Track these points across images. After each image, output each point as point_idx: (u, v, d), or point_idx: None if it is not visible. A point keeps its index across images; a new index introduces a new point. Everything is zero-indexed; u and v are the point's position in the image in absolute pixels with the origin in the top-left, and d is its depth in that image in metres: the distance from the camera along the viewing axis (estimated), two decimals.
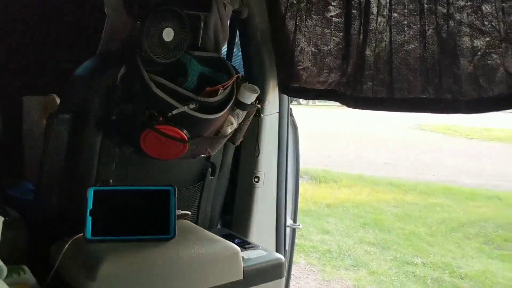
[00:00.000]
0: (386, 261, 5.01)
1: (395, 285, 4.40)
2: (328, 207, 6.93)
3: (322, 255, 5.15)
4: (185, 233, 2.12)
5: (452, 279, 4.55)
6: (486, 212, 6.66)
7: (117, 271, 1.76)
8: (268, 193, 2.66)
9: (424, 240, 5.63)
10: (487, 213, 6.63)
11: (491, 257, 5.12)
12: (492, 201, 7.34)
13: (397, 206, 7.04)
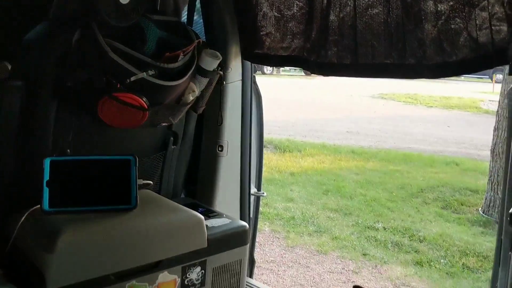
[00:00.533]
0: (348, 226, 5.13)
1: (356, 250, 4.51)
2: (292, 176, 7.00)
3: (286, 222, 5.22)
4: (147, 203, 2.08)
5: (411, 242, 4.71)
6: (444, 178, 6.89)
7: (76, 242, 1.71)
8: (232, 162, 2.65)
9: (385, 205, 5.78)
10: (445, 178, 6.86)
11: (448, 221, 5.32)
12: (450, 167, 7.60)
13: (359, 173, 7.18)
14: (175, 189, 2.51)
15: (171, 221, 1.98)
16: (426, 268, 4.13)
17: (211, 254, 2.11)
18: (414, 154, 8.30)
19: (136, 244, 1.86)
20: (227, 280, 2.22)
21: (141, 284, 1.90)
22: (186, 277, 2.04)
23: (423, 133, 10.34)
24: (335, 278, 3.95)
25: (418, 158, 8.03)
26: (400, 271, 4.07)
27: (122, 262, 1.82)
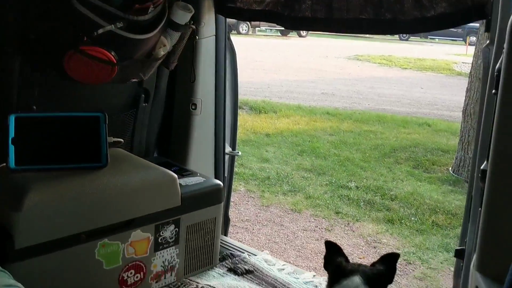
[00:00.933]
0: (321, 186, 5.18)
1: (330, 208, 4.58)
2: (268, 137, 6.99)
3: (261, 182, 5.24)
4: (119, 161, 2.04)
5: (383, 201, 4.79)
6: (417, 138, 6.98)
7: (44, 200, 1.67)
8: (206, 121, 2.60)
9: (358, 165, 5.85)
10: (418, 139, 6.96)
11: (419, 180, 5.42)
12: (422, 127, 7.70)
13: (333, 134, 7.22)
14: (147, 148, 2.47)
15: (143, 180, 1.95)
16: (397, 226, 4.22)
17: (185, 213, 2.10)
18: (387, 116, 8.37)
19: (107, 202, 1.83)
20: (201, 238, 2.22)
21: (114, 242, 1.88)
22: (159, 235, 2.03)
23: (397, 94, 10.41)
24: (308, 235, 4.01)
25: (392, 119, 8.10)
26: (371, 228, 4.15)
27: (93, 220, 1.80)
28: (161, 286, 2.10)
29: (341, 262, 1.38)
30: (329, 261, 1.40)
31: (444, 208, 4.62)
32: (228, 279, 2.22)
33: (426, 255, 3.68)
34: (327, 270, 1.40)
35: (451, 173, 5.62)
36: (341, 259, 1.39)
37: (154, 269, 2.05)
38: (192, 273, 2.23)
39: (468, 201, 2.04)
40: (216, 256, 2.33)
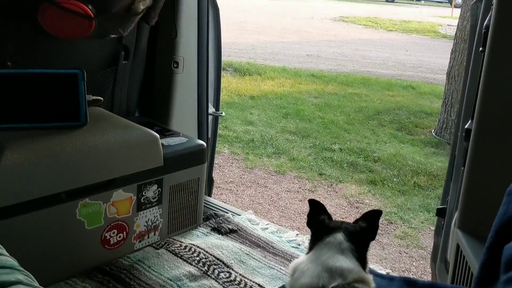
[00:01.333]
0: (305, 148, 5.19)
1: (313, 170, 4.60)
2: (252, 99, 6.93)
3: (245, 144, 5.23)
4: (99, 120, 1.99)
5: (366, 162, 4.83)
6: (401, 101, 7.00)
7: (22, 159, 1.62)
8: (189, 80, 2.54)
9: (342, 128, 5.86)
10: (402, 101, 6.98)
11: (402, 142, 5.46)
12: (407, 90, 7.71)
13: (318, 96, 7.20)
14: (128, 107, 2.41)
15: (124, 139, 1.90)
16: (379, 187, 4.27)
17: (167, 173, 2.08)
18: (372, 78, 8.35)
19: (87, 161, 1.79)
20: (184, 198, 2.21)
21: (95, 202, 1.85)
22: (142, 195, 2.00)
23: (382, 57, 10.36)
24: (292, 196, 4.04)
25: (376, 82, 8.09)
26: (354, 189, 4.19)
27: (73, 180, 1.76)
28: (144, 246, 2.09)
29: (324, 219, 1.38)
30: (313, 219, 1.40)
31: (426, 170, 4.68)
32: (212, 238, 2.22)
33: (407, 215, 3.74)
34: (310, 228, 1.40)
35: (434, 136, 5.67)
36: (324, 217, 1.39)
37: (137, 229, 2.04)
38: (176, 232, 2.22)
39: (451, 160, 2.05)
40: (200, 216, 2.33)
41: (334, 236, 1.32)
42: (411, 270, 3.05)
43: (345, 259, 1.27)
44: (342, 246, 1.30)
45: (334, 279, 1.21)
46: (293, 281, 1.29)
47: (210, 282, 1.88)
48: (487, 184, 1.59)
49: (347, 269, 1.24)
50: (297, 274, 1.29)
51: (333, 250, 1.29)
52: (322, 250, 1.31)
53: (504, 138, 1.54)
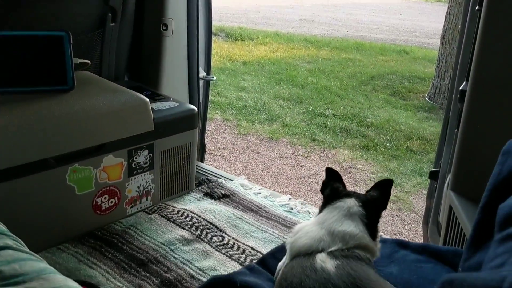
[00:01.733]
0: (299, 114, 5.16)
1: (306, 136, 4.59)
2: (244, 65, 6.85)
3: (238, 111, 5.19)
4: (86, 84, 1.94)
5: (359, 128, 4.82)
6: (394, 66, 6.95)
7: (8, 124, 1.58)
8: (178, 43, 2.48)
9: (335, 93, 5.82)
10: (395, 66, 6.93)
11: (396, 107, 5.45)
12: (400, 55, 7.65)
13: (311, 62, 7.12)
14: (117, 71, 2.36)
15: (113, 103, 1.86)
16: (372, 152, 4.27)
17: (158, 138, 2.05)
18: (366, 43, 8.26)
19: (75, 126, 1.75)
20: (176, 163, 2.19)
21: (85, 167, 1.83)
22: (133, 160, 1.98)
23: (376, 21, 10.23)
24: (285, 162, 4.04)
25: (370, 47, 8.01)
26: (347, 154, 4.20)
27: (61, 145, 1.73)
28: (137, 211, 2.08)
29: (338, 186, 1.37)
30: (327, 185, 1.39)
31: (418, 135, 4.68)
32: (205, 203, 2.22)
33: (399, 179, 3.76)
34: (323, 193, 1.39)
35: (427, 100, 5.65)
36: (338, 184, 1.38)
37: (129, 194, 2.02)
38: (168, 198, 2.21)
39: (445, 122, 2.04)
40: (192, 181, 2.31)
41: (345, 201, 1.31)
42: (403, 233, 3.08)
43: (351, 223, 1.26)
44: (351, 211, 1.29)
45: (334, 243, 1.20)
46: (293, 241, 1.28)
47: (203, 246, 1.88)
48: (480, 145, 1.58)
49: (349, 234, 1.22)
50: (299, 234, 1.29)
51: (341, 214, 1.28)
52: (331, 213, 1.30)
53: (499, 99, 1.52)
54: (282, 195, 2.46)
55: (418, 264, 1.44)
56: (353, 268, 1.10)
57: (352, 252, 1.18)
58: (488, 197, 1.01)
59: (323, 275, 1.09)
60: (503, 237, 0.82)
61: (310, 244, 1.21)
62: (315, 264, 1.14)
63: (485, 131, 1.57)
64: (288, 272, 1.19)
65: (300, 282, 1.11)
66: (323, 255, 1.16)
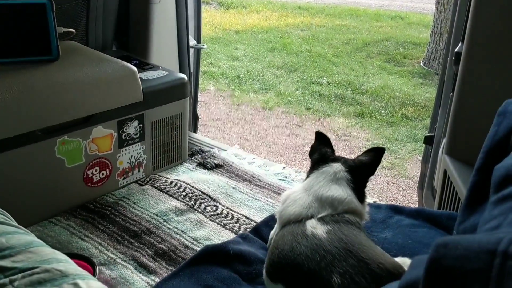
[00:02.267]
0: (293, 83, 5.11)
1: (301, 104, 4.54)
2: (237, 34, 6.74)
3: (231, 81, 5.12)
4: (73, 54, 1.89)
5: (354, 95, 4.78)
6: (389, 32, 6.85)
7: None
8: (167, 11, 2.41)
9: (330, 61, 5.75)
10: (390, 32, 6.83)
11: (390, 74, 5.39)
12: (395, 21, 7.53)
13: (305, 29, 7.01)
14: (104, 40, 2.29)
15: (100, 73, 1.81)
16: (367, 119, 4.25)
17: (148, 108, 2.00)
18: (360, 9, 8.12)
19: (62, 97, 1.71)
20: (168, 133, 2.15)
21: (74, 139, 1.79)
22: (123, 131, 1.94)
23: None
24: (280, 132, 4.01)
25: (364, 13, 7.88)
26: (342, 122, 4.17)
27: (48, 117, 1.69)
28: (129, 182, 2.06)
29: (326, 151, 1.34)
30: (315, 149, 1.36)
31: (414, 101, 4.64)
32: (198, 173, 2.19)
33: (394, 146, 3.74)
34: (311, 157, 1.37)
35: (422, 66, 5.59)
36: (327, 149, 1.35)
37: (120, 166, 1.99)
38: (161, 169, 2.19)
39: (440, 86, 2.00)
40: (185, 151, 2.28)
41: (332, 166, 1.29)
42: (398, 199, 3.08)
43: (338, 188, 1.24)
44: (338, 176, 1.27)
45: (323, 209, 1.19)
46: (282, 209, 1.27)
47: (197, 216, 1.87)
48: (476, 108, 1.55)
49: (338, 199, 1.21)
50: (288, 202, 1.27)
51: (328, 179, 1.26)
52: (318, 178, 1.28)
53: (495, 59, 1.48)
54: (276, 164, 2.44)
55: (412, 229, 1.43)
56: (344, 233, 1.09)
57: (342, 217, 1.16)
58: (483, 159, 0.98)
59: (314, 241, 1.08)
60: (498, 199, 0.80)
61: (300, 212, 1.20)
62: (306, 231, 1.12)
63: (481, 93, 1.53)
64: (279, 240, 1.17)
65: (292, 249, 1.10)
66: (313, 221, 1.15)
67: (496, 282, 0.54)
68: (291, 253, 1.09)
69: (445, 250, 0.59)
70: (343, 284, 0.97)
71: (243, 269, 1.36)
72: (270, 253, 1.19)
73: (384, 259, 1.03)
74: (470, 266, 0.57)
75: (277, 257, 1.13)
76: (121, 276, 1.55)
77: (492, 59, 1.48)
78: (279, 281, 1.13)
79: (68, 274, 1.05)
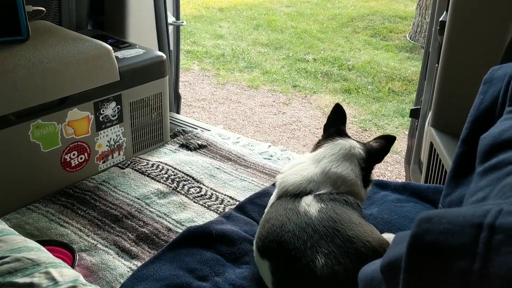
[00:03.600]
0: (278, 60, 5.03)
1: (287, 82, 4.48)
2: (221, 11, 6.61)
3: (216, 59, 5.03)
4: (44, 34, 1.81)
5: (340, 71, 4.72)
6: (375, 6, 6.76)
7: None
8: None
9: (316, 37, 5.67)
10: (376, 6, 6.74)
11: (377, 49, 5.33)
12: None
13: (290, 5, 6.89)
14: (78, 19, 2.21)
15: (73, 53, 1.74)
16: (354, 95, 4.20)
17: (125, 88, 1.94)
18: None
19: (34, 79, 1.63)
20: (148, 114, 2.09)
21: (49, 123, 1.73)
22: (100, 113, 1.88)
23: None
24: (266, 111, 3.95)
25: None
26: (329, 99, 4.12)
27: (20, 100, 1.62)
28: (109, 166, 2.00)
29: (343, 128, 1.30)
30: (332, 123, 1.31)
31: (400, 75, 4.60)
32: (181, 154, 2.14)
33: (382, 121, 3.71)
34: (326, 129, 1.32)
35: (408, 40, 5.54)
36: (343, 126, 1.30)
37: (99, 149, 1.93)
38: (142, 151, 2.13)
39: (425, 58, 1.96)
40: (167, 133, 2.22)
41: (348, 140, 1.25)
42: (386, 175, 3.06)
43: (348, 166, 1.19)
44: (352, 152, 1.22)
45: (324, 186, 1.14)
46: (284, 176, 1.22)
47: (180, 198, 1.82)
48: (461, 78, 1.51)
49: (343, 178, 1.16)
50: (292, 170, 1.22)
51: (342, 153, 1.21)
52: (332, 149, 1.23)
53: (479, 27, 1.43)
54: (261, 143, 2.39)
55: (398, 204, 1.41)
56: (336, 212, 1.05)
57: (341, 196, 1.12)
58: (469, 129, 0.95)
59: (304, 219, 1.04)
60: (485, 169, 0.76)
61: (299, 183, 1.15)
62: (299, 207, 1.08)
63: (466, 62, 1.49)
64: (272, 213, 1.13)
65: (281, 225, 1.06)
66: (310, 198, 1.11)
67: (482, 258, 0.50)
68: (280, 229, 1.05)
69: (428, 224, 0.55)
70: (327, 265, 0.93)
71: (227, 249, 1.32)
72: (261, 225, 1.15)
73: (371, 237, 1.00)
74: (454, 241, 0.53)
75: (266, 232, 1.10)
76: (102, 262, 1.51)
77: (477, 27, 1.43)
78: (266, 257, 1.09)
79: (39, 262, 1.00)
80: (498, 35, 1.33)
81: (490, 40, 1.40)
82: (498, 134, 0.80)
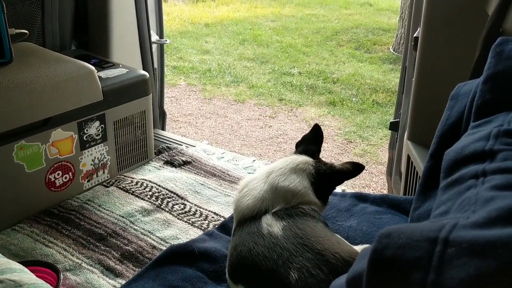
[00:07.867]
0: (264, 74, 5.09)
1: (273, 96, 4.53)
2: (207, 27, 6.67)
3: (202, 75, 5.07)
4: (27, 56, 1.83)
5: (325, 84, 4.78)
6: (358, 19, 6.87)
7: None
8: (125, 5, 2.35)
9: (300, 51, 5.74)
10: (359, 20, 6.85)
11: (361, 61, 5.41)
12: (364, 7, 7.56)
13: (275, 20, 6.98)
14: (62, 40, 2.23)
15: (56, 74, 1.76)
16: (338, 107, 4.26)
17: (109, 107, 1.96)
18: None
19: (17, 101, 1.65)
20: (131, 132, 2.11)
21: (33, 144, 1.74)
22: (84, 133, 1.90)
23: None
24: (252, 124, 3.99)
25: (333, 1, 7.89)
26: (314, 112, 4.17)
27: (3, 122, 1.63)
28: (94, 185, 2.01)
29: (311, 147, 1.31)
30: (305, 141, 1.33)
31: (384, 87, 4.68)
32: (165, 171, 2.16)
33: (366, 133, 3.76)
34: (296, 147, 1.34)
35: (392, 52, 5.63)
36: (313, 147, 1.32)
37: (84, 168, 1.95)
38: (127, 169, 2.15)
39: (403, 72, 2.01)
40: (151, 150, 2.24)
41: (302, 156, 1.26)
42: (371, 186, 3.10)
43: (295, 178, 1.20)
44: (301, 166, 1.23)
45: (277, 202, 1.17)
46: (237, 200, 1.24)
47: (164, 215, 1.84)
48: (434, 92, 1.55)
49: (291, 191, 1.18)
50: (244, 191, 1.24)
51: (290, 166, 1.23)
52: (282, 163, 1.24)
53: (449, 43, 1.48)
54: (245, 157, 2.42)
55: (377, 216, 1.44)
56: (299, 227, 1.07)
57: (296, 209, 1.14)
58: (437, 144, 0.98)
59: (271, 240, 1.06)
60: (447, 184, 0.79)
61: (253, 206, 1.17)
62: (262, 230, 1.10)
63: (438, 77, 1.54)
64: (237, 241, 1.15)
65: (249, 250, 1.08)
66: (268, 218, 1.13)
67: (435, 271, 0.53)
68: (249, 254, 1.07)
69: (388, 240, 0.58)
70: (301, 279, 0.96)
71: (209, 267, 1.34)
72: (229, 254, 1.17)
73: (340, 248, 1.02)
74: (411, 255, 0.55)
75: (236, 259, 1.12)
76: (87, 281, 1.51)
77: (447, 43, 1.48)
78: (240, 282, 1.11)
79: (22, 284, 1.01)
80: (467, 52, 1.37)
81: (460, 56, 1.45)
82: (461, 149, 0.84)
